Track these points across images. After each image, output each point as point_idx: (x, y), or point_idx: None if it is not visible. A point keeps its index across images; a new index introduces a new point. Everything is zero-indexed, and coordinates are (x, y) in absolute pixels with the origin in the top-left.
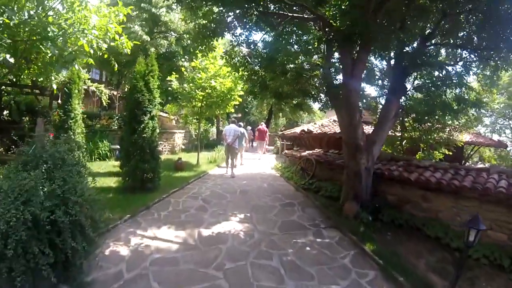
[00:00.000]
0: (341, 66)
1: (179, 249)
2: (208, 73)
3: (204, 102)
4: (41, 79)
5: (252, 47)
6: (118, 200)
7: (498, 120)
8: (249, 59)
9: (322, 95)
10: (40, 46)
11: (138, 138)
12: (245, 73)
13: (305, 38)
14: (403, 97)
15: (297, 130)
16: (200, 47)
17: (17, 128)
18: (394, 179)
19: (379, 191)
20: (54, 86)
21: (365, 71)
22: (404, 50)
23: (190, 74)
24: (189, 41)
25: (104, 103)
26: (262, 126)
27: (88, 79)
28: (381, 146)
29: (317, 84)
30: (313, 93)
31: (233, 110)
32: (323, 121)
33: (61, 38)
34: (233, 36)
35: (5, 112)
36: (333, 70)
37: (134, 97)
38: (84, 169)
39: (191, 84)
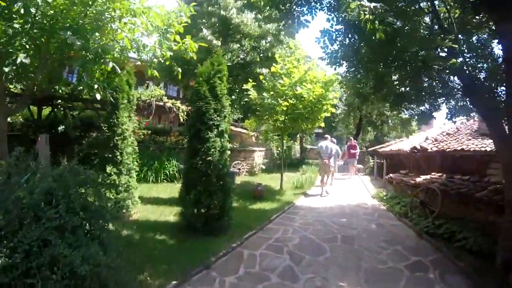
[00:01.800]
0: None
1: None
2: (292, 79)
3: (289, 114)
4: (80, 87)
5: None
6: (169, 247)
7: None
8: (384, 18)
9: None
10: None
11: (200, 162)
12: (350, 64)
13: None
14: None
15: (399, 146)
16: (285, 23)
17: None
18: None
19: None
20: (98, 97)
21: None
22: None
23: (270, 82)
24: (266, 47)
25: (182, 119)
26: (353, 141)
27: (164, 95)
28: None
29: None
30: (445, 93)
31: (323, 124)
32: (433, 135)
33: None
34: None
35: (60, 128)
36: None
37: (196, 107)
38: (104, 212)
39: (271, 93)
